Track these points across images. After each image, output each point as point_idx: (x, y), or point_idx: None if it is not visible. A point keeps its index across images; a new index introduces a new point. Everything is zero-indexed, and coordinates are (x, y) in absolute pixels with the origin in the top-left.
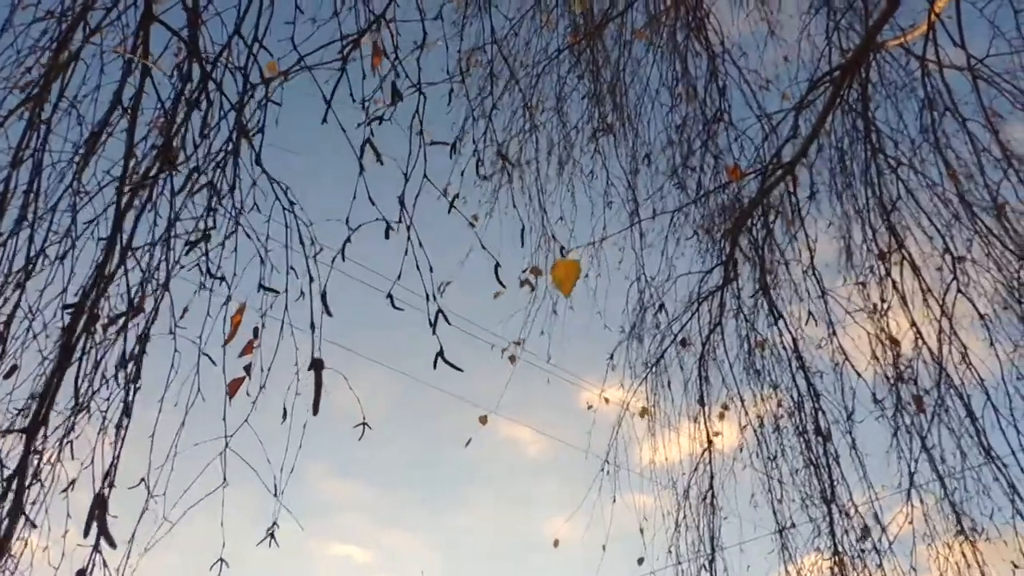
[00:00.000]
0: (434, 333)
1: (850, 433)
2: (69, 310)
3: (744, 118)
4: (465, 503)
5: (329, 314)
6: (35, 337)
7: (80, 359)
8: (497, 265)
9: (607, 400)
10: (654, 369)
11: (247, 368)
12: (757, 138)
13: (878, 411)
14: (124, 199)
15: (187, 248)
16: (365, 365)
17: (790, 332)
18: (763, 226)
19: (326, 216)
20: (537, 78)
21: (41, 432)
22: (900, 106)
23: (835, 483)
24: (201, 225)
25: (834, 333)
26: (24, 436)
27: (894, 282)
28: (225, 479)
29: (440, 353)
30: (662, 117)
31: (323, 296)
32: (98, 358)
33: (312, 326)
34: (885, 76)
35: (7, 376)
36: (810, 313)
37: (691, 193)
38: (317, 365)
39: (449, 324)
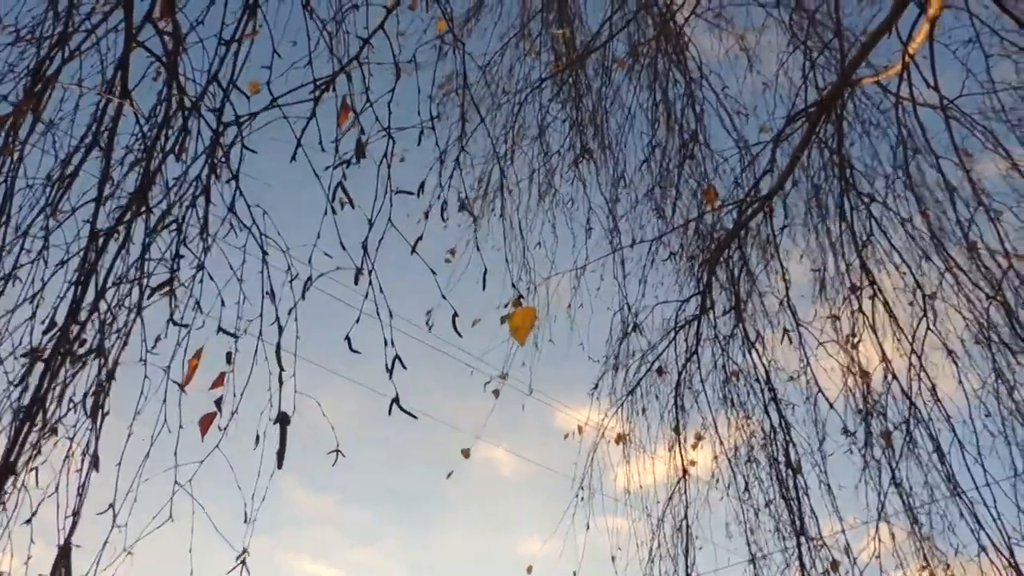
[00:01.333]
0: (391, 378)
1: (821, 466)
2: (41, 353)
3: (723, 148)
4: (438, 523)
5: (293, 342)
6: (1, 362)
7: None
8: (455, 315)
9: (580, 429)
10: (631, 396)
11: (218, 403)
12: (734, 162)
13: (848, 444)
14: (99, 241)
15: (151, 292)
16: (339, 380)
17: (763, 364)
18: (740, 257)
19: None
20: (520, 106)
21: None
22: (874, 143)
23: (804, 516)
24: (168, 261)
25: (807, 365)
26: None
27: (865, 316)
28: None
29: (396, 400)
30: (642, 145)
31: (293, 320)
32: (65, 383)
33: (280, 377)
34: (860, 113)
35: None
36: (785, 330)
37: (670, 220)
38: (283, 419)
39: (405, 368)
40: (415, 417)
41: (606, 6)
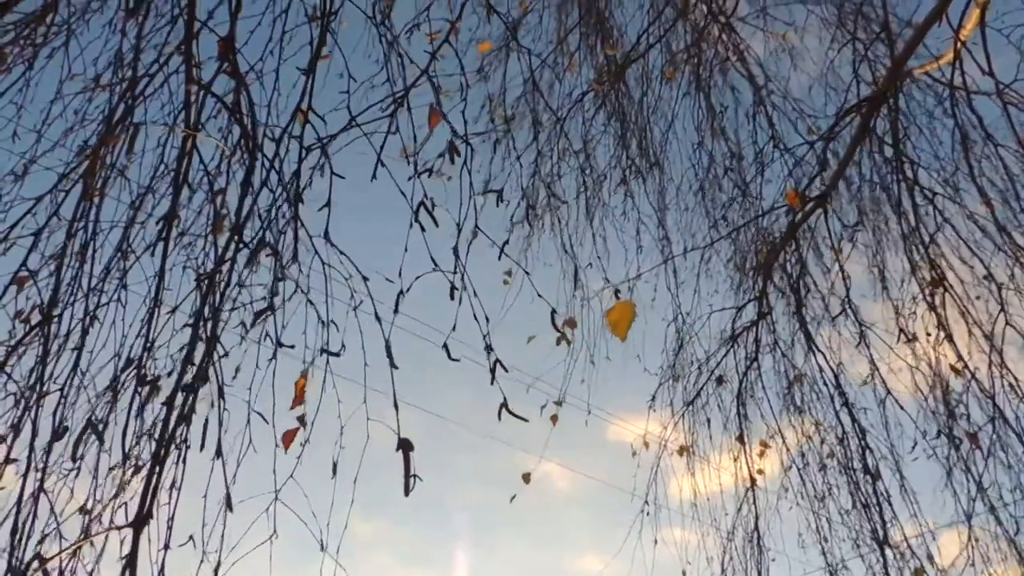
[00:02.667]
0: (493, 382)
1: (897, 470)
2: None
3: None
4: (494, 541)
5: (394, 366)
6: (89, 400)
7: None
8: (503, 403)
9: (646, 444)
10: (691, 407)
11: (301, 419)
12: (785, 169)
13: (928, 449)
14: (204, 288)
15: (254, 320)
16: (385, 403)
17: (831, 368)
18: (797, 260)
19: (374, 264)
20: (563, 121)
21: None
22: (930, 135)
23: (887, 524)
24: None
25: (876, 369)
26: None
27: (939, 316)
28: (275, 532)
29: (504, 404)
30: (688, 153)
31: (388, 350)
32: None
33: (395, 403)
34: (914, 105)
35: (58, 438)
36: (862, 332)
37: (721, 228)
38: (405, 446)
39: (507, 372)
40: (526, 420)
41: (643, 16)
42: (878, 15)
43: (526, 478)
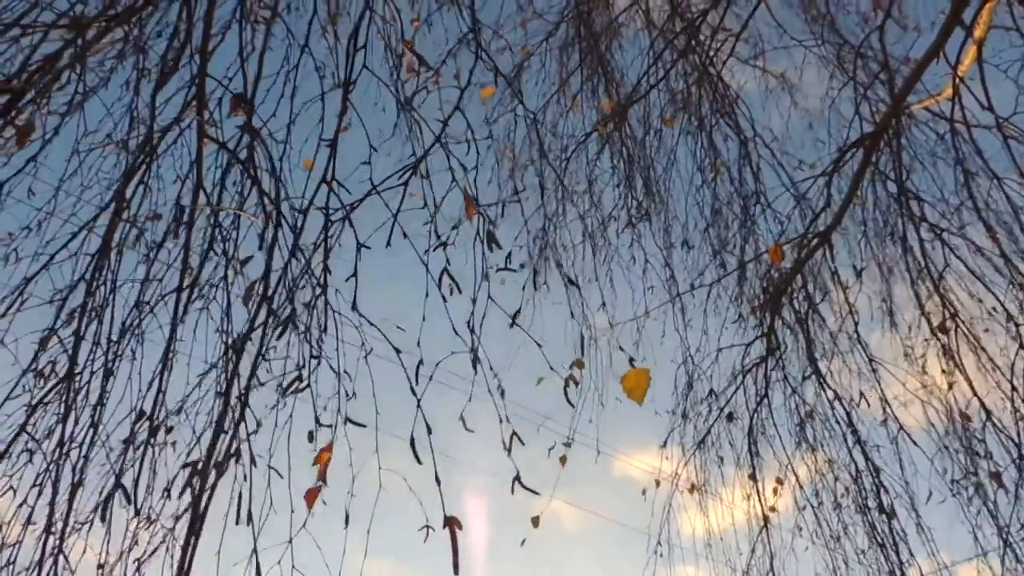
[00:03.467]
0: (509, 455)
1: (915, 510)
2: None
3: (773, 187)
4: None
5: (419, 462)
6: (108, 454)
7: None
8: (516, 477)
9: (658, 483)
10: (702, 445)
11: (323, 476)
12: (788, 208)
13: (948, 489)
14: (234, 354)
15: (285, 392)
16: (386, 440)
17: (843, 407)
18: (804, 297)
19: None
20: (567, 162)
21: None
22: (932, 169)
23: (904, 564)
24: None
25: (889, 406)
26: None
27: (953, 355)
28: None
29: (517, 477)
30: (692, 193)
31: (413, 445)
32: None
33: (437, 477)
34: (915, 140)
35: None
36: (861, 395)
37: (727, 266)
38: (452, 524)
39: (523, 444)
40: (538, 494)
41: (643, 59)
42: (875, 54)
43: (535, 521)
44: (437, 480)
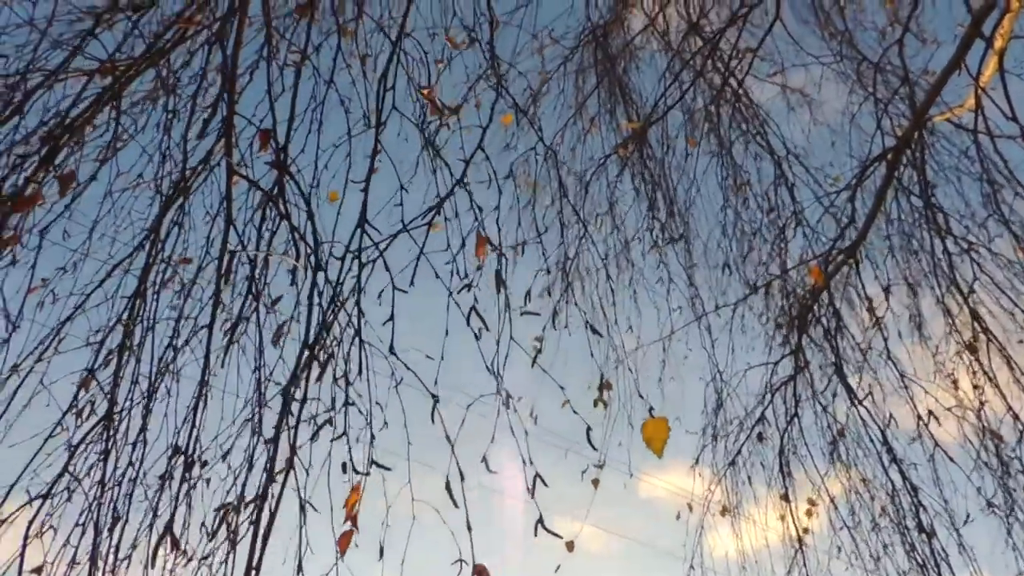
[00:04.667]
0: (532, 497)
1: (955, 529)
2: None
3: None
4: None
5: (456, 505)
6: (146, 491)
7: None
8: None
9: (691, 507)
10: (732, 465)
11: (353, 520)
12: (815, 224)
13: (985, 506)
14: (289, 401)
15: (313, 434)
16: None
17: (877, 424)
18: (832, 313)
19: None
20: (587, 185)
21: None
22: (957, 181)
23: None
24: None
25: (925, 423)
26: None
27: (986, 372)
28: None
29: (540, 521)
30: (715, 213)
31: (449, 489)
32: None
33: (468, 524)
34: (938, 153)
35: (111, 528)
36: (891, 417)
37: (752, 284)
38: (480, 572)
39: (547, 486)
40: (561, 537)
41: (662, 77)
42: (894, 68)
43: (570, 546)
44: (468, 527)
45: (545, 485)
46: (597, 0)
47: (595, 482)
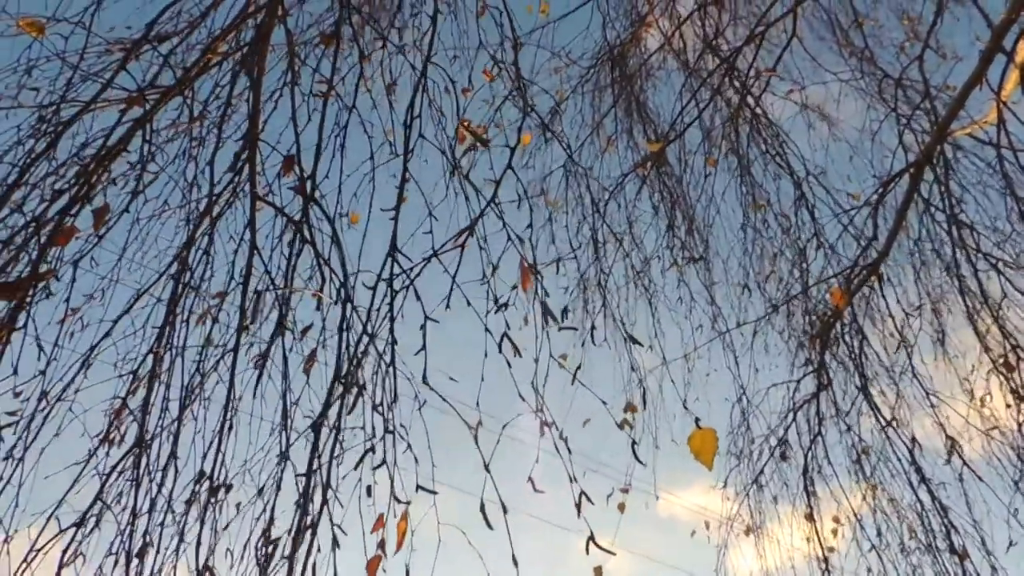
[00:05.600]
0: (579, 515)
1: (987, 551)
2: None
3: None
4: None
5: (490, 527)
6: (174, 517)
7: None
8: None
9: (707, 525)
10: (755, 485)
11: (381, 546)
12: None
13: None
14: (320, 433)
15: (358, 463)
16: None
17: (904, 443)
18: (856, 331)
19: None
20: (605, 204)
21: None
22: (981, 195)
23: None
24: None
25: (954, 441)
26: None
27: (1018, 390)
28: None
29: (591, 538)
30: (732, 229)
31: (483, 509)
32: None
33: (514, 559)
34: (961, 167)
35: (140, 556)
36: (914, 440)
37: (774, 302)
38: None
39: (592, 504)
40: (613, 554)
41: (678, 96)
42: (912, 83)
43: (598, 572)
44: (515, 562)
45: (591, 503)
46: (614, 20)
47: (621, 506)
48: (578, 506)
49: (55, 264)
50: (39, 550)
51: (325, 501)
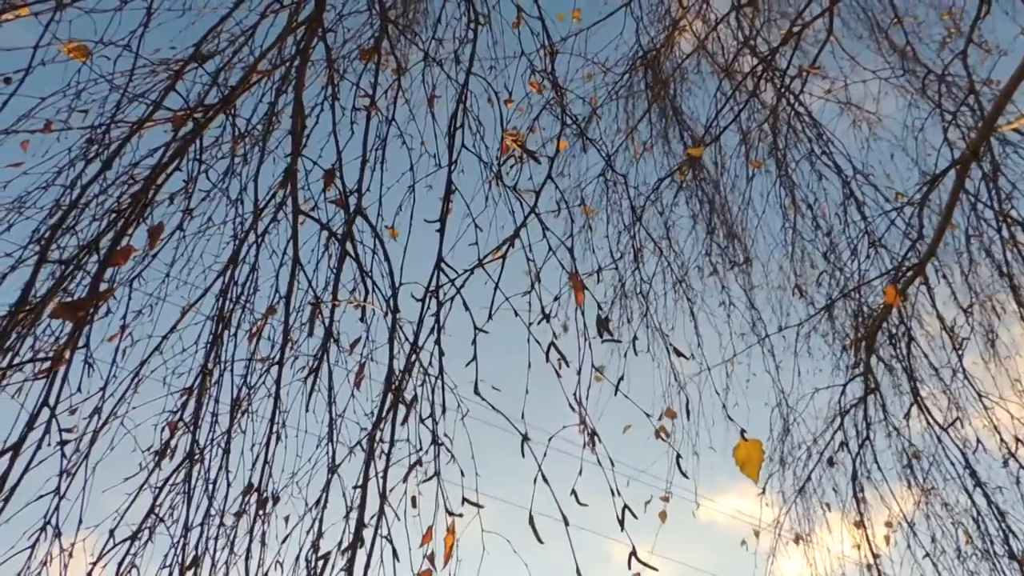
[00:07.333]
0: (623, 529)
1: None
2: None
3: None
4: None
5: (540, 541)
6: (223, 529)
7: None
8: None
9: (757, 533)
10: (802, 492)
11: (431, 559)
12: (882, 242)
13: None
14: (373, 453)
15: (406, 475)
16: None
17: (958, 447)
18: (904, 333)
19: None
20: (642, 209)
21: None
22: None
23: None
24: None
25: (1013, 452)
26: None
27: None
28: None
29: (633, 552)
30: (772, 232)
31: (532, 522)
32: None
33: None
34: (1009, 163)
35: (192, 567)
36: (973, 443)
37: (817, 302)
38: None
39: (636, 518)
40: (656, 570)
41: (714, 99)
42: (954, 79)
43: None
44: (578, 572)
45: (635, 517)
46: (647, 25)
47: (662, 515)
48: (621, 521)
49: (111, 283)
50: (95, 563)
51: (382, 513)
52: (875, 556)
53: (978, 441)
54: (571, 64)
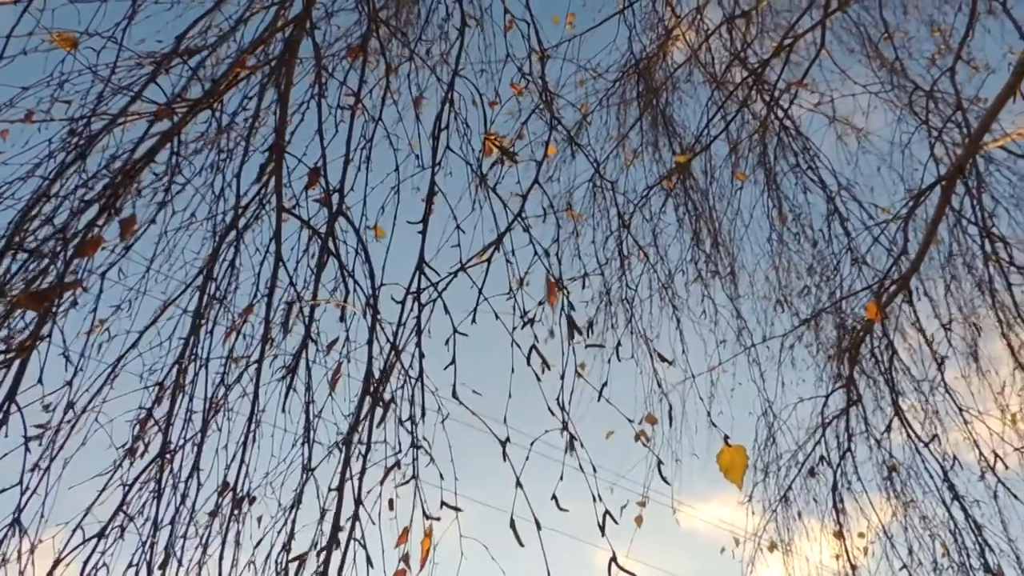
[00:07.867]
0: (603, 535)
1: (1021, 568)
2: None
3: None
4: None
5: (521, 544)
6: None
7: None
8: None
9: (737, 541)
10: (784, 501)
11: (406, 559)
12: (866, 257)
13: None
14: (352, 455)
15: (383, 478)
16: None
17: (938, 461)
18: (887, 346)
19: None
20: (630, 216)
21: None
22: (1014, 210)
23: None
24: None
25: (987, 459)
26: None
27: None
28: None
29: (613, 558)
30: (759, 242)
31: (514, 527)
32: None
33: None
34: (993, 180)
35: (162, 567)
36: (951, 457)
37: (801, 315)
38: None
39: (617, 523)
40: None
41: (705, 109)
42: (943, 95)
43: None
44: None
45: (615, 522)
46: (640, 34)
47: (638, 519)
48: (602, 526)
49: (83, 275)
50: (61, 560)
51: (356, 516)
52: (853, 567)
53: (955, 458)
54: (564, 69)
